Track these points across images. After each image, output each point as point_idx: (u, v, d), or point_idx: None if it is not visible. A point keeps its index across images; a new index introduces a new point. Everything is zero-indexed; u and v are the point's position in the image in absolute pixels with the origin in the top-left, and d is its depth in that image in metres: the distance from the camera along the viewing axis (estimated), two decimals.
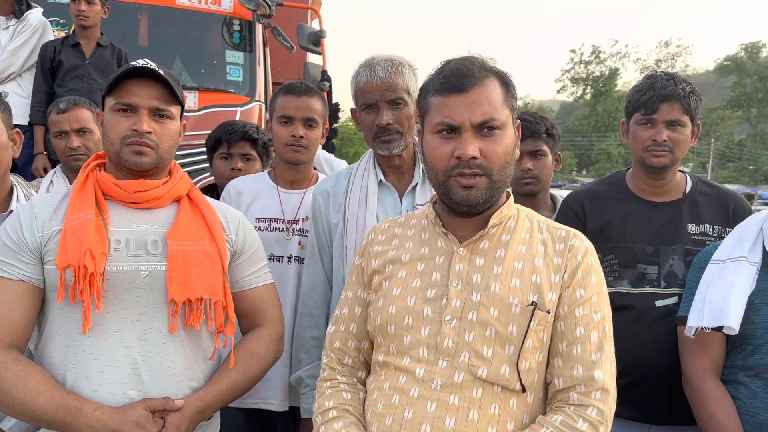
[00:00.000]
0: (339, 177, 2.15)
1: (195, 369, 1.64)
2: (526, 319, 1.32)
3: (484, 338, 1.32)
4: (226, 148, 2.64)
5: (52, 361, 1.57)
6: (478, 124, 1.34)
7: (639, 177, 2.14)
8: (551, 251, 1.41)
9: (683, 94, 2.00)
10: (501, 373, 1.30)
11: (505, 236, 1.42)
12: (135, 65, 1.63)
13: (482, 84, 1.35)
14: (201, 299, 1.60)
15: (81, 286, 1.49)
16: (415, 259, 1.46)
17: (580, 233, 1.46)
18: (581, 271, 1.38)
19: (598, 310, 1.37)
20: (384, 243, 1.54)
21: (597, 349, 1.33)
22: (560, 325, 1.36)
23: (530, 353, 1.32)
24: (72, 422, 1.46)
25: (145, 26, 4.88)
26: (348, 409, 1.43)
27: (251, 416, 2.35)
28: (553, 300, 1.35)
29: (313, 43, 5.27)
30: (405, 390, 1.33)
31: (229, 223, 1.78)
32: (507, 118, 1.38)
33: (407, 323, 1.38)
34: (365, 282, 1.54)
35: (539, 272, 1.37)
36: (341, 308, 1.59)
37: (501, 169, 1.36)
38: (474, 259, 1.40)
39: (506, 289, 1.35)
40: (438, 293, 1.38)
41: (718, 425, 1.72)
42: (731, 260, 1.80)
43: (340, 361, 1.55)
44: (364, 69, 1.99)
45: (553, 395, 1.36)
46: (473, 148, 1.33)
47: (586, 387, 1.30)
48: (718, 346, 1.82)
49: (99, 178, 1.66)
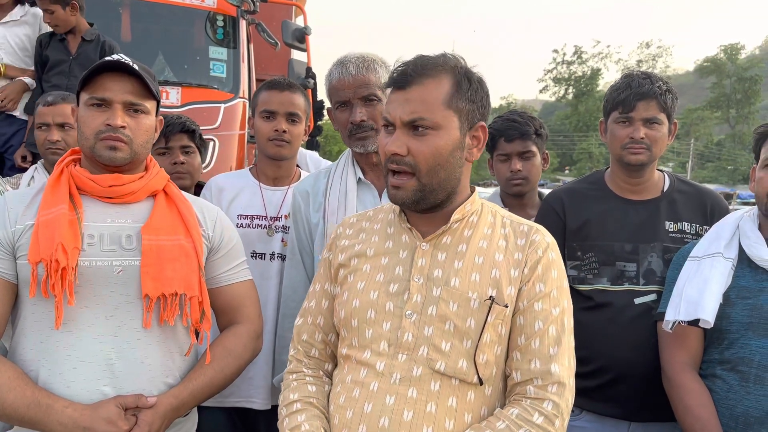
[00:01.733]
0: (318, 176, 2.14)
1: (170, 365, 1.63)
2: (483, 314, 1.34)
3: (442, 332, 1.34)
4: (164, 143, 2.51)
5: (25, 357, 1.55)
6: (407, 122, 1.34)
7: (618, 175, 2.16)
8: (512, 246, 1.42)
9: (660, 93, 2.03)
10: (458, 367, 1.32)
11: (468, 231, 1.43)
12: (109, 60, 1.62)
13: (421, 83, 1.35)
14: (176, 294, 1.59)
15: (53, 281, 1.47)
16: (379, 254, 1.47)
17: (543, 228, 1.47)
18: (541, 265, 1.39)
19: (557, 305, 1.39)
20: (351, 237, 1.55)
21: (555, 343, 1.35)
22: (519, 319, 1.37)
23: (488, 347, 1.34)
24: (43, 419, 1.45)
25: (128, 21, 4.82)
26: (312, 402, 1.44)
27: (233, 415, 2.34)
28: (512, 294, 1.37)
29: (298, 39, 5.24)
30: (365, 384, 1.35)
31: (206, 219, 1.77)
32: (445, 120, 1.35)
33: (370, 317, 1.40)
34: (332, 275, 1.55)
35: (499, 267, 1.38)
36: (309, 301, 1.60)
37: (431, 171, 1.36)
38: (436, 254, 1.41)
39: (466, 284, 1.36)
40: (400, 288, 1.40)
41: (694, 418, 1.75)
42: (708, 256, 1.83)
43: (306, 353, 1.55)
44: (337, 67, 1.99)
45: (512, 388, 1.38)
46: (398, 144, 1.35)
47: (542, 380, 1.32)
48: (695, 340, 1.85)
49: (74, 172, 1.64)
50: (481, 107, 1.42)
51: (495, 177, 2.60)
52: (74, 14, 3.71)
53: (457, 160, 1.39)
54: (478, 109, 1.41)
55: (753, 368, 1.71)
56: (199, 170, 2.60)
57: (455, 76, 1.38)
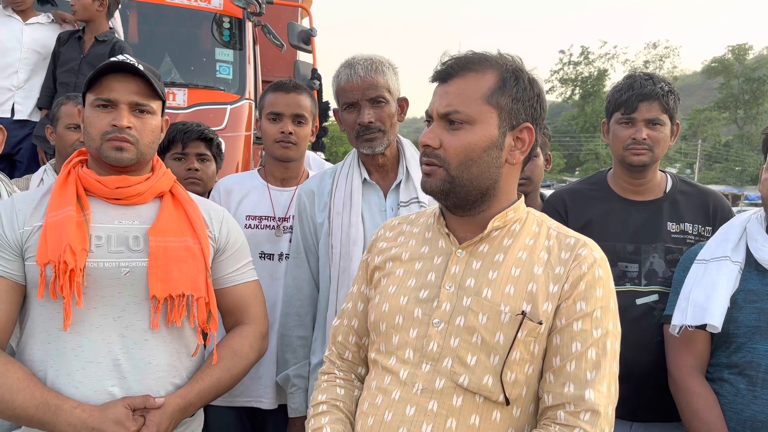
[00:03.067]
0: (324, 176, 2.15)
1: (177, 366, 1.64)
2: (514, 329, 1.25)
3: (469, 345, 1.27)
4: (181, 148, 2.53)
5: (33, 357, 1.56)
6: (442, 114, 1.31)
7: (620, 176, 2.16)
8: (554, 259, 1.31)
9: (662, 93, 2.03)
10: (483, 383, 1.25)
11: (507, 240, 1.35)
12: (114, 60, 1.63)
13: (463, 76, 1.31)
14: (183, 295, 1.60)
15: (61, 282, 1.48)
16: (414, 258, 1.42)
17: (592, 242, 1.36)
18: (585, 282, 1.28)
19: (599, 326, 1.26)
20: (390, 240, 1.51)
21: (593, 367, 1.24)
22: (555, 338, 1.27)
23: (517, 365, 1.25)
24: (51, 420, 1.45)
25: (135, 23, 4.85)
26: (338, 405, 1.42)
27: (242, 414, 2.34)
28: (548, 311, 1.27)
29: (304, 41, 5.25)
30: (388, 391, 1.31)
31: (213, 220, 1.78)
32: (482, 115, 1.29)
33: (397, 323, 1.35)
34: (368, 278, 1.52)
35: (536, 280, 1.29)
36: (347, 303, 1.57)
37: (461, 165, 1.30)
38: (471, 261, 1.34)
39: (498, 296, 1.28)
40: (430, 294, 1.34)
41: (701, 422, 1.74)
42: (715, 260, 1.81)
43: (340, 355, 1.54)
44: (345, 68, 2.00)
45: (542, 411, 1.28)
46: (430, 137, 1.32)
47: (575, 406, 1.22)
48: (702, 344, 1.84)
49: (81, 174, 1.65)
50: (530, 108, 1.34)
51: None
52: (99, 10, 3.71)
53: (493, 159, 1.31)
54: (525, 110, 1.33)
55: (761, 372, 1.69)
56: (212, 178, 2.60)
57: (501, 73, 1.31)
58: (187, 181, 2.47)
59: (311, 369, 2.07)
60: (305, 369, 2.09)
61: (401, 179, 2.07)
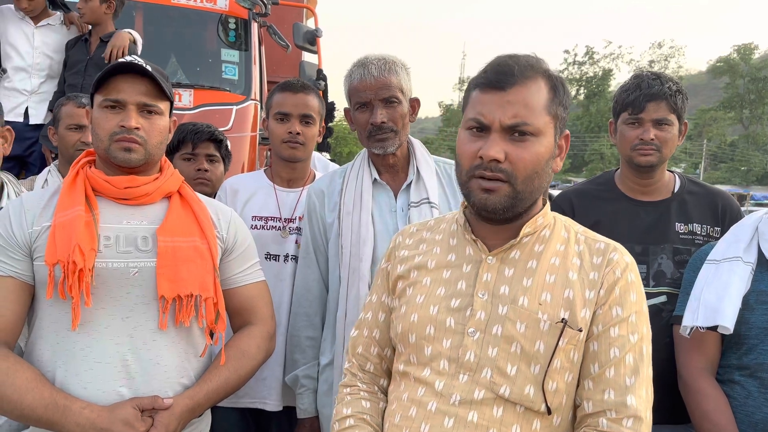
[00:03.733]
0: (333, 176, 2.15)
1: (186, 366, 1.64)
2: (554, 337, 1.23)
3: (508, 354, 1.24)
4: (191, 149, 2.54)
5: (42, 357, 1.56)
6: (509, 126, 1.24)
7: (627, 176, 2.15)
8: (587, 265, 1.31)
9: (669, 93, 2.02)
10: (525, 393, 1.23)
11: (538, 246, 1.33)
12: (122, 61, 1.63)
13: (523, 84, 1.25)
14: (191, 296, 1.60)
15: (70, 282, 1.48)
16: (441, 266, 1.38)
17: (621, 247, 1.35)
18: (619, 287, 1.28)
19: (635, 331, 1.27)
20: (411, 247, 1.47)
21: (632, 373, 1.24)
22: (593, 345, 1.26)
23: (558, 373, 1.24)
24: (60, 420, 1.45)
25: (141, 24, 4.85)
26: (365, 419, 1.39)
27: (246, 415, 2.34)
28: (586, 317, 1.26)
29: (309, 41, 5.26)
30: (423, 403, 1.28)
31: (220, 220, 1.78)
32: (545, 126, 1.26)
33: (429, 333, 1.31)
34: (390, 287, 1.48)
35: (572, 287, 1.27)
36: (365, 312, 1.54)
37: (528, 179, 1.26)
38: (503, 269, 1.32)
39: (535, 304, 1.26)
40: (462, 303, 1.31)
41: (711, 424, 1.72)
42: (726, 260, 1.79)
43: (361, 367, 1.50)
44: (358, 68, 1.99)
45: (581, 419, 1.27)
46: (497, 150, 1.23)
47: (617, 413, 1.22)
48: (713, 345, 1.81)
49: (89, 174, 1.65)
50: (568, 115, 1.34)
51: None
52: (107, 13, 3.72)
53: (549, 170, 1.30)
54: (566, 117, 1.33)
55: None
56: (221, 179, 2.61)
57: (550, 80, 1.29)
58: (196, 182, 2.47)
59: (320, 370, 2.07)
60: (314, 369, 2.09)
61: (412, 180, 2.06)
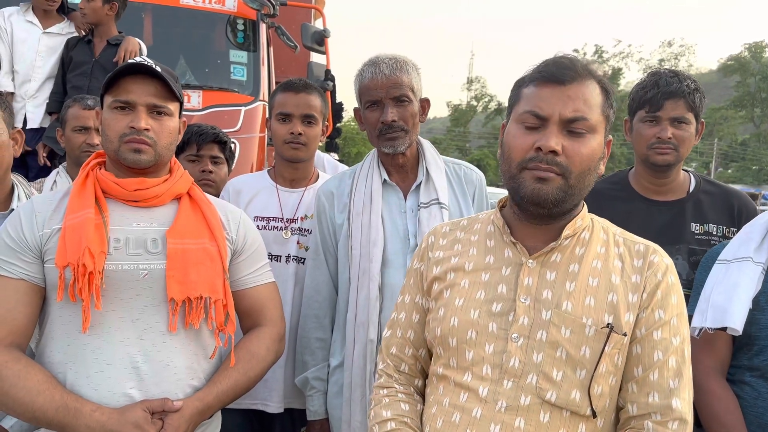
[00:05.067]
0: (343, 177, 2.14)
1: (196, 368, 1.64)
2: (600, 342, 1.24)
3: (553, 360, 1.24)
4: (195, 150, 2.56)
5: (53, 359, 1.57)
6: (568, 119, 1.24)
7: (642, 176, 2.13)
8: (629, 268, 1.31)
9: (688, 91, 2.00)
10: (571, 398, 1.23)
11: (579, 249, 1.33)
12: (132, 62, 1.63)
13: (582, 82, 1.26)
14: (201, 298, 1.60)
15: (80, 285, 1.48)
16: (479, 269, 1.37)
17: (659, 248, 1.36)
18: (661, 290, 1.28)
19: (677, 333, 1.28)
20: (445, 248, 1.46)
21: (675, 376, 1.25)
22: (636, 348, 1.27)
23: (603, 377, 1.25)
24: (71, 423, 1.46)
25: (150, 25, 4.87)
26: (406, 422, 1.38)
27: (250, 416, 2.34)
28: (630, 321, 1.26)
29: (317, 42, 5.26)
30: (467, 409, 1.27)
31: (230, 222, 1.78)
32: (600, 124, 1.28)
33: (470, 338, 1.31)
34: (424, 288, 1.46)
35: (616, 291, 1.28)
36: (398, 312, 1.52)
37: (581, 175, 1.26)
38: (544, 272, 1.31)
39: (579, 308, 1.26)
40: (504, 308, 1.30)
41: (720, 425, 1.70)
42: (737, 260, 1.78)
43: (396, 368, 1.49)
44: (369, 66, 1.99)
45: (626, 421, 1.28)
46: (556, 141, 1.23)
47: (662, 416, 1.23)
48: (724, 345, 1.80)
49: (99, 176, 1.65)
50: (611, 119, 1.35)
51: None
52: (109, 14, 3.73)
53: (597, 169, 1.31)
54: (612, 122, 1.34)
55: None
56: (224, 181, 2.62)
57: (602, 84, 1.30)
58: (200, 183, 2.47)
59: (330, 371, 2.07)
60: (324, 371, 2.08)
61: (421, 180, 2.05)
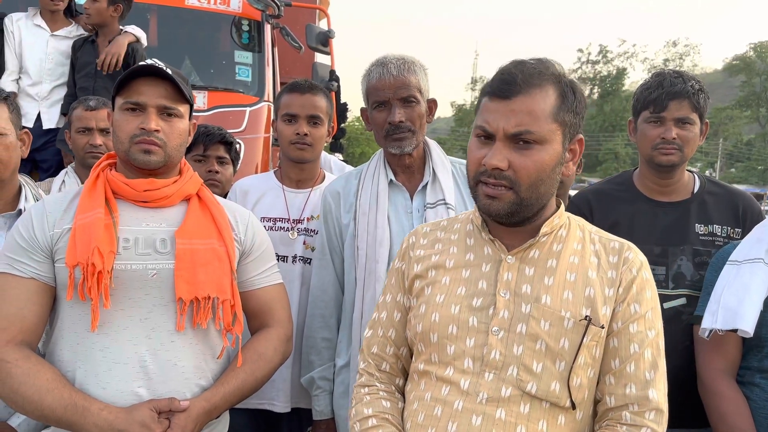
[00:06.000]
0: (349, 177, 2.15)
1: (203, 367, 1.65)
2: (579, 334, 1.27)
3: (533, 352, 1.27)
4: (202, 150, 2.60)
5: (62, 358, 1.58)
6: (512, 134, 1.26)
7: (647, 176, 2.13)
8: (605, 263, 1.35)
9: (692, 92, 2.00)
10: (551, 389, 1.26)
11: (557, 246, 1.37)
12: (143, 65, 1.65)
13: (528, 93, 1.26)
14: (209, 298, 1.61)
15: (89, 284, 1.50)
16: (459, 266, 1.40)
17: (633, 245, 1.40)
18: (636, 285, 1.33)
19: (652, 327, 1.33)
20: (426, 247, 1.49)
21: (651, 367, 1.30)
22: (613, 341, 1.31)
23: (582, 369, 1.28)
24: (79, 421, 1.47)
25: (155, 26, 4.88)
26: (388, 418, 1.39)
27: (256, 416, 2.34)
28: (606, 315, 1.30)
29: (322, 43, 5.27)
30: (448, 402, 1.29)
31: (239, 223, 1.79)
32: (551, 133, 1.27)
33: (451, 332, 1.33)
34: (406, 286, 1.49)
35: (593, 285, 1.32)
36: (379, 312, 1.54)
37: (532, 186, 1.28)
38: (523, 268, 1.35)
39: (558, 302, 1.30)
40: (484, 302, 1.33)
41: (728, 426, 1.70)
42: (748, 261, 1.76)
43: (378, 367, 1.51)
44: (377, 67, 1.99)
45: (604, 413, 1.32)
46: (499, 158, 1.26)
47: (639, 407, 1.27)
48: (734, 347, 1.79)
49: (109, 177, 1.67)
50: (581, 119, 1.35)
51: None
52: (113, 15, 3.74)
53: (556, 176, 1.33)
54: (579, 121, 1.34)
55: None
56: (230, 181, 2.65)
57: (560, 87, 1.30)
58: (206, 183, 2.47)
59: (336, 371, 2.07)
60: (330, 371, 2.09)
61: (428, 180, 2.06)
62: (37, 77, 3.82)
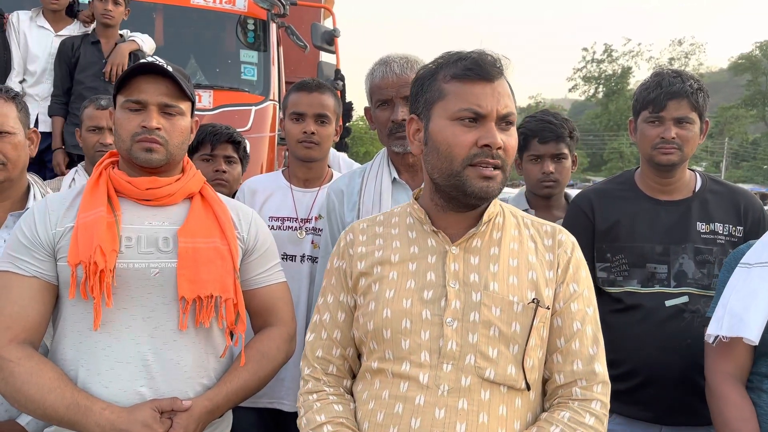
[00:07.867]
0: (353, 176, 2.15)
1: (206, 366, 1.65)
2: (529, 317, 1.32)
3: (488, 339, 1.30)
4: (209, 150, 2.58)
5: (65, 356, 1.58)
6: (503, 115, 1.31)
7: (648, 175, 2.13)
8: (541, 247, 1.41)
9: (691, 91, 2.00)
10: (508, 374, 1.30)
11: (496, 233, 1.41)
12: (144, 62, 1.65)
13: (502, 78, 1.34)
14: (211, 296, 1.60)
15: (91, 283, 1.50)
16: (405, 259, 1.41)
17: (562, 228, 1.47)
18: (572, 265, 1.40)
19: (590, 304, 1.39)
20: (366, 243, 1.48)
21: (593, 343, 1.36)
22: (557, 321, 1.37)
23: (533, 351, 1.32)
24: (81, 420, 1.47)
25: (161, 25, 4.89)
26: (343, 422, 1.36)
27: (265, 415, 2.35)
28: (549, 296, 1.36)
29: (327, 42, 5.27)
30: (409, 398, 1.29)
31: (241, 221, 1.79)
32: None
33: (405, 327, 1.33)
34: (350, 285, 1.47)
35: (534, 269, 1.37)
36: (320, 314, 1.51)
37: (510, 166, 1.36)
38: (468, 257, 1.37)
39: (505, 288, 1.34)
40: (435, 294, 1.34)
41: None
42: (759, 265, 1.71)
43: (324, 370, 1.48)
44: (380, 66, 2.00)
45: (554, 390, 1.36)
46: (499, 137, 1.30)
47: (587, 381, 1.33)
48: (743, 352, 1.72)
49: (112, 175, 1.67)
50: None
51: (522, 177, 2.60)
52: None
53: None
54: None
55: None
56: (238, 180, 2.64)
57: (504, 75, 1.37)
58: (214, 183, 2.49)
59: None
60: None
61: None
62: (39, 78, 3.84)
